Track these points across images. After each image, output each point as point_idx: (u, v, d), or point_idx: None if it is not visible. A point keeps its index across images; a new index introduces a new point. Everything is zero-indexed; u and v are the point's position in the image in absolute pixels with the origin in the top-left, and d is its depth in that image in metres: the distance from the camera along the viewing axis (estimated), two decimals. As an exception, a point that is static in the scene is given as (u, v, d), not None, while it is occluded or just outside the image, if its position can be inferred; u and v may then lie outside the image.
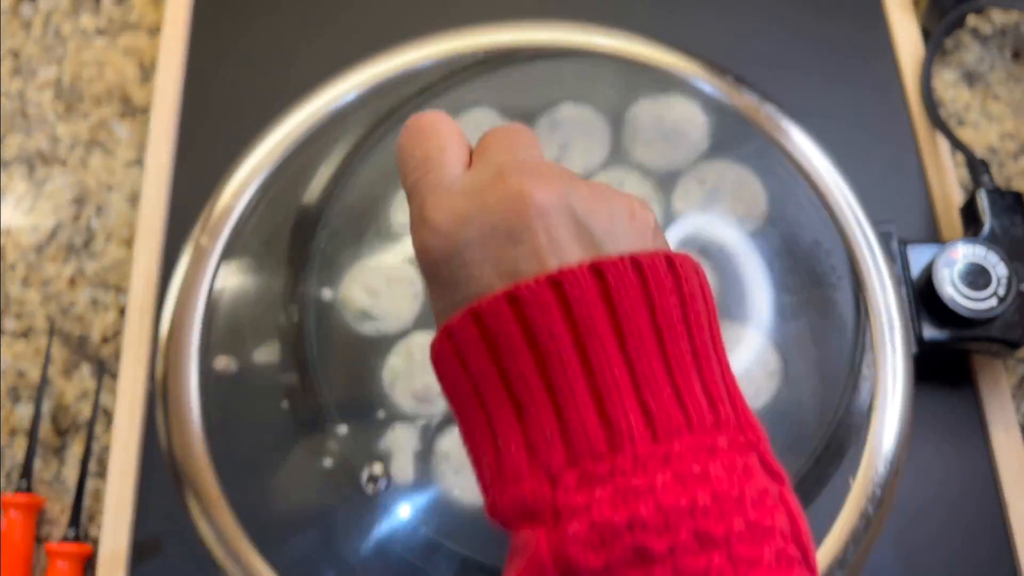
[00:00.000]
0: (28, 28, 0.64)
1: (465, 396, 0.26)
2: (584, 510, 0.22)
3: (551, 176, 0.26)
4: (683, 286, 0.26)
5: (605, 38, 0.49)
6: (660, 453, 0.23)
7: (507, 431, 0.25)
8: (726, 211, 0.47)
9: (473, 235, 0.25)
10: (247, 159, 0.48)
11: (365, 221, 0.50)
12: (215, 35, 0.62)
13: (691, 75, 0.49)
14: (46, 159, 0.60)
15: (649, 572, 0.22)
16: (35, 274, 0.57)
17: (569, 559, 0.22)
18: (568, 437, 0.23)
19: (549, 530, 0.23)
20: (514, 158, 0.28)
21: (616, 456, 0.23)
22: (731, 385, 0.26)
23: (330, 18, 0.63)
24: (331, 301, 0.48)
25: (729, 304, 0.46)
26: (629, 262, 0.25)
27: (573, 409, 0.23)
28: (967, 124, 0.58)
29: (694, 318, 0.26)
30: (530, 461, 0.24)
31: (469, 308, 0.25)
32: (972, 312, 0.46)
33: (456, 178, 0.27)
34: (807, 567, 0.24)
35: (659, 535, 0.22)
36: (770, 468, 0.25)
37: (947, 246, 0.47)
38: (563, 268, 0.24)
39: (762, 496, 0.23)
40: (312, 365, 0.46)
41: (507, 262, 0.25)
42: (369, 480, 0.40)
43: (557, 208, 0.25)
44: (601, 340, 0.24)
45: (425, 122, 0.29)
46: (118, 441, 0.51)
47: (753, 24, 0.61)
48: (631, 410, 0.23)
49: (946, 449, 0.50)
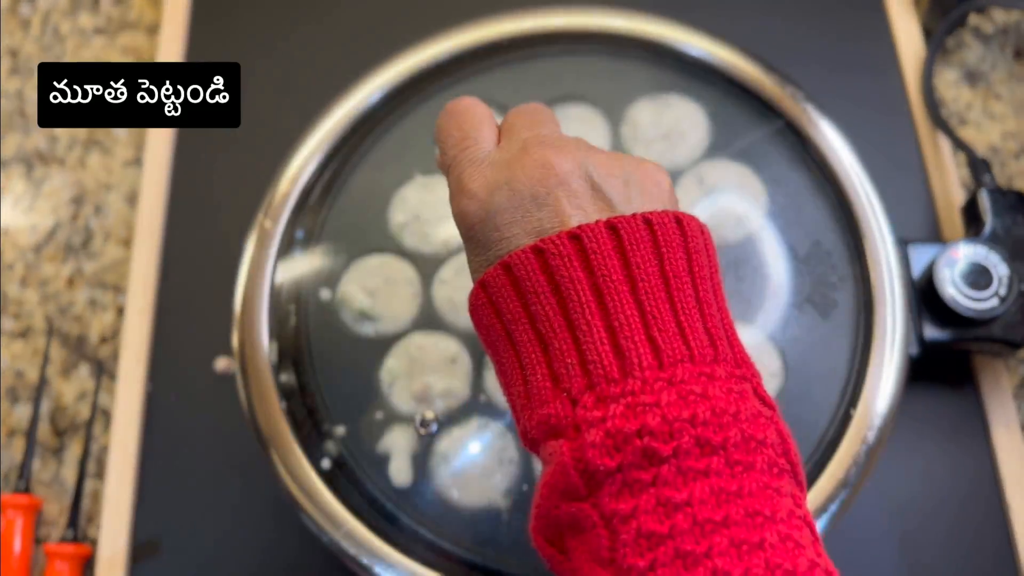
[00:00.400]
0: (27, 27, 0.64)
1: (498, 338, 0.30)
2: (600, 422, 0.26)
3: (571, 147, 0.31)
4: (689, 242, 0.29)
5: (631, 22, 0.52)
6: (665, 377, 0.27)
7: (534, 364, 0.28)
8: (726, 211, 0.47)
9: (503, 201, 0.29)
10: (300, 148, 0.51)
11: (364, 221, 0.49)
12: (213, 34, 0.62)
13: (725, 62, 0.51)
14: (44, 159, 0.60)
15: (657, 471, 0.25)
16: (33, 274, 0.56)
17: (588, 461, 0.26)
18: (586, 365, 0.27)
19: (571, 441, 0.26)
20: (537, 134, 0.32)
21: (627, 380, 0.27)
22: (729, 328, 0.30)
23: (329, 14, 0.62)
24: (329, 301, 0.48)
25: (729, 304, 0.46)
26: (641, 220, 0.29)
27: (590, 342, 0.27)
28: (969, 123, 0.58)
29: (698, 270, 0.29)
30: (554, 387, 0.28)
31: (501, 262, 0.29)
32: (973, 312, 0.46)
33: (488, 153, 0.31)
34: (796, 480, 0.27)
35: (664, 441, 0.25)
36: (762, 398, 0.28)
37: (948, 246, 0.47)
38: (583, 225, 0.28)
39: (756, 415, 0.27)
40: (311, 365, 0.46)
41: (533, 222, 0.29)
42: (422, 424, 0.43)
43: (576, 175, 0.30)
44: (615, 284, 0.28)
45: (461, 106, 0.33)
46: (117, 442, 0.51)
47: (754, 24, 0.60)
48: (640, 343, 0.27)
49: (948, 449, 0.50)
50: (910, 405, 0.50)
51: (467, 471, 0.44)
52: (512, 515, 0.43)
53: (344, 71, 0.61)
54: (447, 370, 0.46)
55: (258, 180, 0.57)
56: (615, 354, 0.27)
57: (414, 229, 0.49)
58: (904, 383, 0.46)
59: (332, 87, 0.60)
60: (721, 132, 0.50)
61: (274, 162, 0.58)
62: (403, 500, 0.43)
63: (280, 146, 0.58)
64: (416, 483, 0.44)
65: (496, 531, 0.43)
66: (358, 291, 0.47)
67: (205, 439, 0.51)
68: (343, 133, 0.51)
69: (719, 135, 0.50)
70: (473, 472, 0.44)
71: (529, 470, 0.44)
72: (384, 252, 0.49)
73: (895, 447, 0.49)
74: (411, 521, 0.43)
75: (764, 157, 0.49)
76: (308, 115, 0.59)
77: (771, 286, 0.46)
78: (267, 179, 0.57)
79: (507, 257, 0.29)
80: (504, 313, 0.29)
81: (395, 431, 0.45)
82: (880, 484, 0.48)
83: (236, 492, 0.50)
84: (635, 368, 0.27)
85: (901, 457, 0.49)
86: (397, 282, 0.48)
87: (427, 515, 0.43)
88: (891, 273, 0.47)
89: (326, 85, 0.60)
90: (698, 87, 0.51)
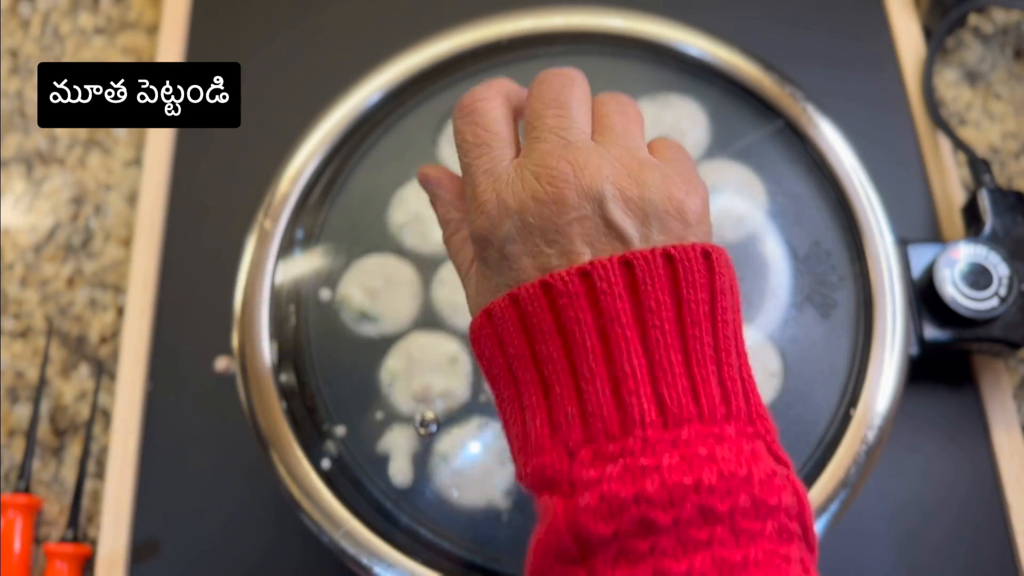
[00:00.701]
0: (26, 27, 0.63)
1: (500, 371, 0.28)
2: (596, 484, 0.24)
3: (592, 164, 0.28)
4: (715, 280, 0.27)
5: (629, 21, 0.52)
6: (669, 438, 0.25)
7: (534, 407, 0.27)
8: (726, 211, 0.47)
9: (513, 231, 0.28)
10: (300, 148, 0.51)
11: (364, 221, 0.49)
12: (213, 35, 0.62)
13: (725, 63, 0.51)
14: (44, 159, 0.60)
15: (655, 541, 0.24)
16: (33, 274, 0.56)
17: (581, 527, 0.24)
18: (586, 417, 0.26)
19: (565, 499, 0.25)
20: (559, 142, 0.29)
21: (627, 438, 0.25)
22: (747, 378, 0.28)
23: (329, 14, 0.62)
24: (329, 301, 0.48)
25: (729, 304, 0.46)
26: (661, 256, 0.27)
27: (592, 392, 0.26)
28: (968, 124, 0.58)
29: (721, 312, 0.27)
30: (552, 436, 0.26)
31: (510, 293, 0.27)
32: (973, 312, 0.46)
33: (504, 163, 0.30)
34: (806, 544, 0.26)
35: (664, 509, 0.24)
36: (776, 456, 0.26)
37: (948, 246, 0.47)
38: (595, 260, 0.27)
39: (770, 476, 0.25)
40: (311, 365, 0.46)
41: (542, 259, 0.27)
42: (422, 424, 0.42)
43: (591, 209, 0.27)
44: (624, 329, 0.26)
45: (475, 106, 0.31)
46: (116, 441, 0.51)
47: (754, 24, 0.60)
48: (645, 397, 0.25)
49: (948, 449, 0.50)
50: (910, 405, 0.50)
51: (467, 471, 0.44)
52: (512, 515, 0.43)
53: (344, 71, 0.61)
54: (447, 370, 0.46)
55: (258, 180, 0.57)
56: (617, 408, 0.25)
57: (414, 229, 0.49)
58: (904, 383, 0.46)
59: (332, 87, 0.60)
60: (721, 132, 0.50)
61: (274, 162, 0.58)
62: (403, 500, 0.43)
63: (280, 146, 0.58)
64: (416, 483, 0.44)
65: (496, 531, 0.43)
66: (358, 291, 0.47)
67: (205, 439, 0.51)
68: (343, 133, 0.51)
69: (719, 135, 0.50)
70: (473, 472, 0.44)
71: (529, 470, 0.44)
72: (384, 252, 0.49)
73: (895, 447, 0.49)
74: (411, 521, 0.43)
75: (764, 157, 0.49)
76: (308, 115, 0.59)
77: (771, 286, 0.46)
78: (267, 179, 0.57)
79: (516, 289, 0.27)
80: (508, 347, 0.28)
81: (395, 431, 0.45)
82: (880, 484, 0.48)
83: (236, 492, 0.50)
84: (636, 426, 0.25)
85: (901, 457, 0.49)
86: (397, 282, 0.48)
87: (427, 515, 0.43)
88: (891, 273, 0.47)
89: (326, 85, 0.60)
90: (698, 86, 0.51)
